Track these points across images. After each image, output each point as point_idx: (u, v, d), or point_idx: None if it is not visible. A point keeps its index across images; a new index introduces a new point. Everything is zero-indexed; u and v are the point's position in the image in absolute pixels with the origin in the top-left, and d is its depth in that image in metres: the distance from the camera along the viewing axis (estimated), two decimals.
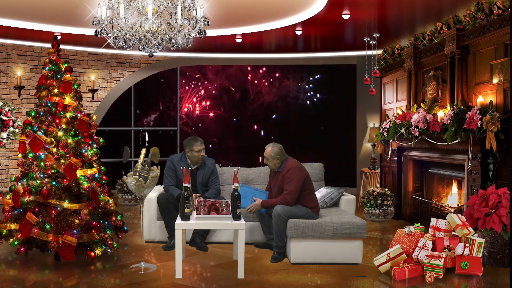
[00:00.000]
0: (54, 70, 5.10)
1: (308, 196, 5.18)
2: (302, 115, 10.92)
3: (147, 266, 4.75)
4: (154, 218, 5.85)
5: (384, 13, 6.81)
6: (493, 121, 5.10)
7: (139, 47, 4.74)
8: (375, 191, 7.10)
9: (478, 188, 5.45)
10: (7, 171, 9.11)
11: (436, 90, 6.65)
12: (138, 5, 4.53)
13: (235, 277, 4.46)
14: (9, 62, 9.09)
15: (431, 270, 4.44)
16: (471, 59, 5.93)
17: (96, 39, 8.12)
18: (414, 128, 6.52)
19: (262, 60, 10.61)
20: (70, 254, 4.68)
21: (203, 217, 4.52)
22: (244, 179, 6.19)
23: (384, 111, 8.48)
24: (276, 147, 5.27)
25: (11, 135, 7.86)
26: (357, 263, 4.98)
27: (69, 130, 4.97)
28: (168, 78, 10.84)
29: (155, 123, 10.86)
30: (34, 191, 4.80)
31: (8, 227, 4.85)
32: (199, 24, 4.57)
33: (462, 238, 4.78)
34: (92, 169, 5.04)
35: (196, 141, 5.70)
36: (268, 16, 7.31)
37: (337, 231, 4.95)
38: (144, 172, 4.82)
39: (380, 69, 8.24)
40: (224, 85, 10.96)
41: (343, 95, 10.81)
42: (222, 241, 5.75)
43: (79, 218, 4.80)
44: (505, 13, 5.24)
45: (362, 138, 10.46)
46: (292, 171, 5.15)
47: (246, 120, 11.00)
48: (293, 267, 4.84)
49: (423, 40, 7.05)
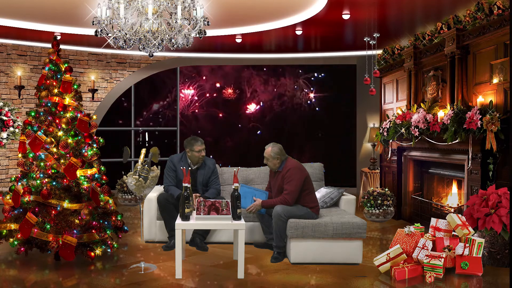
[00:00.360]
0: (54, 70, 5.10)
1: (308, 196, 5.18)
2: (302, 115, 10.92)
3: (147, 266, 4.75)
4: (154, 218, 5.85)
5: (384, 13, 6.81)
6: (493, 121, 5.10)
7: (139, 47, 4.74)
8: (375, 191, 7.10)
9: (478, 188, 5.45)
10: (7, 171, 9.11)
11: (436, 90, 6.65)
12: (138, 5, 4.53)
13: (235, 277, 4.46)
14: (9, 62, 9.09)
15: (431, 270, 4.44)
16: (471, 59, 5.93)
17: (96, 39, 8.12)
18: (414, 128, 6.52)
19: (262, 60, 10.61)
20: (70, 254, 4.68)
21: (203, 217, 4.52)
22: (244, 179, 6.19)
23: (384, 111, 8.48)
24: (276, 147, 5.27)
25: (11, 135, 7.86)
26: (357, 263, 4.98)
27: (69, 130, 4.97)
28: (168, 78, 10.84)
29: (155, 123, 10.86)
30: (34, 191, 4.80)
31: (8, 227, 4.85)
32: (199, 24, 4.57)
33: (462, 238, 4.78)
34: (92, 169, 5.04)
35: (196, 141, 5.70)
36: (268, 16, 7.31)
37: (337, 231, 4.95)
38: (144, 172, 4.82)
39: (380, 69, 8.23)
40: (224, 85, 10.96)
41: (343, 95, 10.81)
42: (222, 241, 5.75)
43: (79, 218, 4.80)
44: (505, 13, 5.24)
45: (362, 138, 10.46)
46: (292, 171, 5.15)
47: (246, 120, 10.99)
48: (293, 267, 4.84)
49: (423, 40, 7.05)
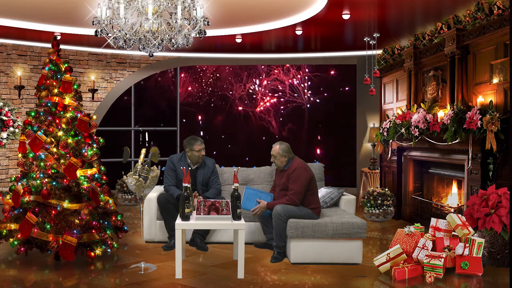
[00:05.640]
0: (54, 70, 5.10)
1: (311, 197, 5.19)
2: (302, 115, 10.91)
3: (147, 266, 4.75)
4: (154, 218, 5.85)
5: (384, 13, 6.81)
6: (493, 121, 5.10)
7: (139, 47, 4.74)
8: (375, 191, 7.11)
9: (478, 188, 5.45)
10: (7, 171, 9.11)
11: (436, 90, 6.65)
12: (138, 5, 4.52)
13: (235, 277, 4.46)
14: (9, 62, 9.09)
15: (431, 270, 4.44)
16: (471, 59, 5.93)
17: (96, 39, 8.11)
18: (414, 128, 6.52)
19: (262, 60, 10.61)
20: (70, 254, 4.68)
21: (203, 217, 4.51)
22: (244, 179, 6.19)
23: (384, 111, 8.48)
24: (284, 145, 5.30)
25: (11, 135, 7.86)
26: (357, 263, 4.98)
27: (69, 130, 4.97)
28: (168, 78, 10.83)
29: (155, 123, 10.85)
30: (34, 191, 4.80)
31: (8, 227, 4.85)
32: (199, 24, 4.57)
33: (462, 238, 4.78)
34: (92, 169, 5.04)
35: (196, 141, 5.69)
36: (268, 16, 7.31)
37: (337, 231, 4.95)
38: (144, 172, 4.82)
39: (380, 69, 8.23)
40: (224, 85, 10.96)
41: (343, 95, 10.81)
42: (222, 241, 5.75)
43: (79, 218, 4.80)
44: (505, 13, 5.24)
45: (362, 138, 10.46)
46: (298, 171, 5.16)
47: (246, 120, 10.99)
48: (293, 267, 4.84)
49: (423, 40, 7.05)
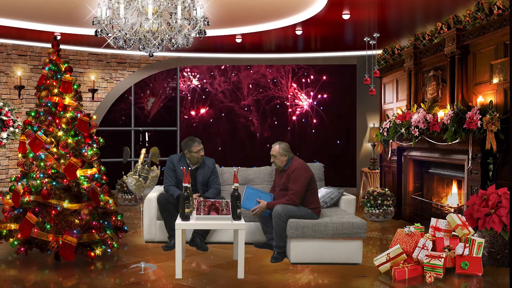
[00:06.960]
0: (54, 70, 5.10)
1: (311, 197, 5.19)
2: (302, 115, 10.91)
3: (147, 266, 4.75)
4: (154, 218, 5.85)
5: (384, 13, 6.81)
6: (493, 121, 5.10)
7: (139, 47, 4.74)
8: (375, 191, 7.10)
9: (478, 188, 5.45)
10: (7, 171, 9.11)
11: (436, 90, 6.65)
12: (138, 5, 4.52)
13: (235, 277, 4.46)
14: (9, 62, 9.09)
15: (431, 270, 4.44)
16: (471, 59, 5.93)
17: (96, 39, 8.12)
18: (414, 128, 6.52)
19: (262, 60, 10.61)
20: (70, 254, 4.67)
21: (203, 217, 4.51)
22: (244, 179, 6.19)
23: (384, 111, 8.48)
24: (283, 144, 5.33)
25: (11, 135, 7.86)
26: (357, 263, 4.98)
27: (69, 130, 4.97)
28: (168, 78, 10.83)
29: (155, 123, 10.85)
30: (34, 191, 4.80)
31: (8, 227, 4.85)
32: (199, 24, 4.57)
33: (462, 238, 4.78)
34: (92, 169, 5.04)
35: (193, 142, 5.69)
36: (268, 16, 7.31)
37: (337, 231, 4.95)
38: (144, 172, 4.82)
39: (380, 69, 8.23)
40: (224, 85, 10.95)
41: (343, 95, 10.81)
42: (222, 241, 5.75)
43: (79, 218, 4.80)
44: (505, 13, 5.24)
45: (362, 138, 10.46)
46: (298, 171, 5.16)
47: (245, 120, 10.99)
48: (293, 267, 4.84)
49: (423, 40, 7.05)
